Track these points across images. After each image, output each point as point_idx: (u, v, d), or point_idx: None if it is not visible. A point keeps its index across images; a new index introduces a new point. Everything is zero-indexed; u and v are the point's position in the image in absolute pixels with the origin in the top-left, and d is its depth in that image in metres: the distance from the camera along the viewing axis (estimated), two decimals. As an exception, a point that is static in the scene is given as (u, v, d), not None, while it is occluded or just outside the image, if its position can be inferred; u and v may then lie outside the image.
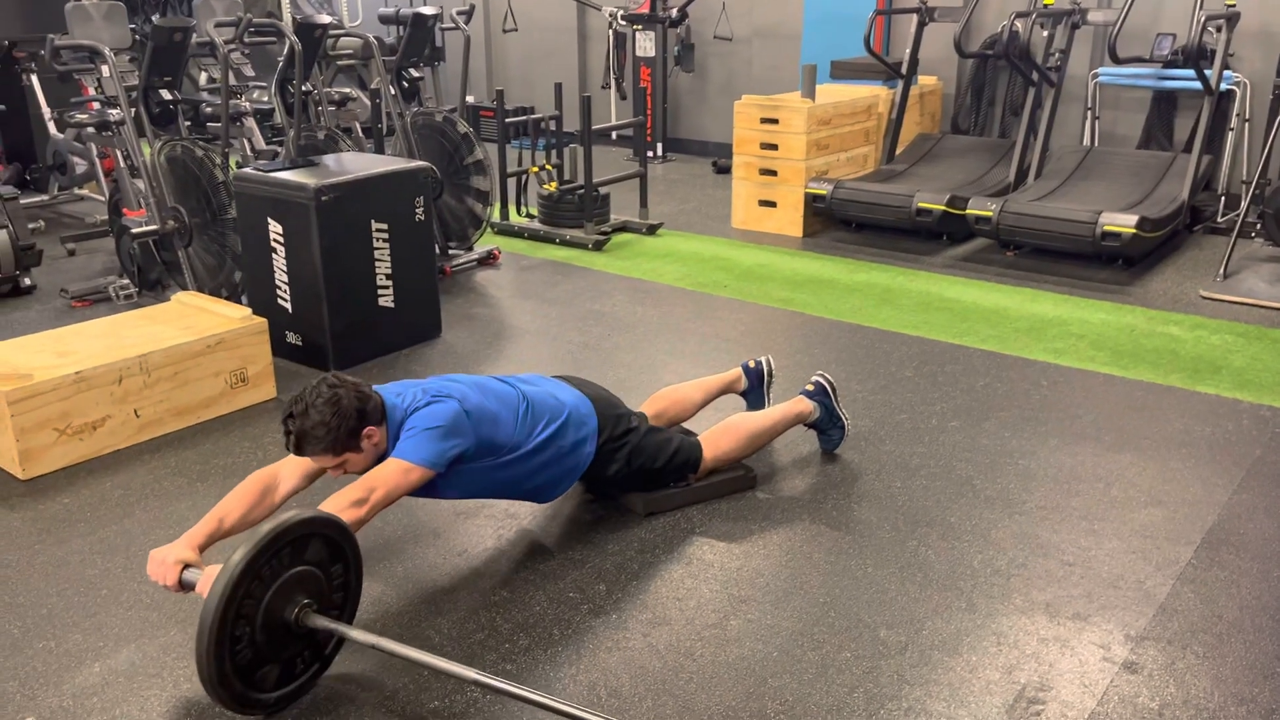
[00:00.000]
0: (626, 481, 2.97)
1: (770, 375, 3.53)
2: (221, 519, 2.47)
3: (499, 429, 2.68)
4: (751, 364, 3.52)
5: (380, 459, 2.58)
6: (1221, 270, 5.12)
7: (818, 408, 3.30)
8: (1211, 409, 3.71)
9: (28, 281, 5.10)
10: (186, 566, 2.32)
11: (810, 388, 3.33)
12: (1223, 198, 6.19)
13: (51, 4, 6.62)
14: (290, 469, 2.62)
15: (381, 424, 2.57)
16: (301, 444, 2.49)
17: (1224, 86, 5.85)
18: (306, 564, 2.22)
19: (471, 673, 2.10)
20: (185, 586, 2.31)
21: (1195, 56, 5.46)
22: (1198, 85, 5.70)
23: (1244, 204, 5.43)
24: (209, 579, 2.17)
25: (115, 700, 2.28)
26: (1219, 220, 6.07)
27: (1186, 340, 4.39)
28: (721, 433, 3.12)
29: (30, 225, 5.30)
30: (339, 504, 2.39)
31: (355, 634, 2.23)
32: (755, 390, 3.51)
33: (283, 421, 2.50)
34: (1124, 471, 3.25)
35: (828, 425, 3.33)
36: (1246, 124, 6.15)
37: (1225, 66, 5.72)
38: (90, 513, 3.07)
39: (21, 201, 5.33)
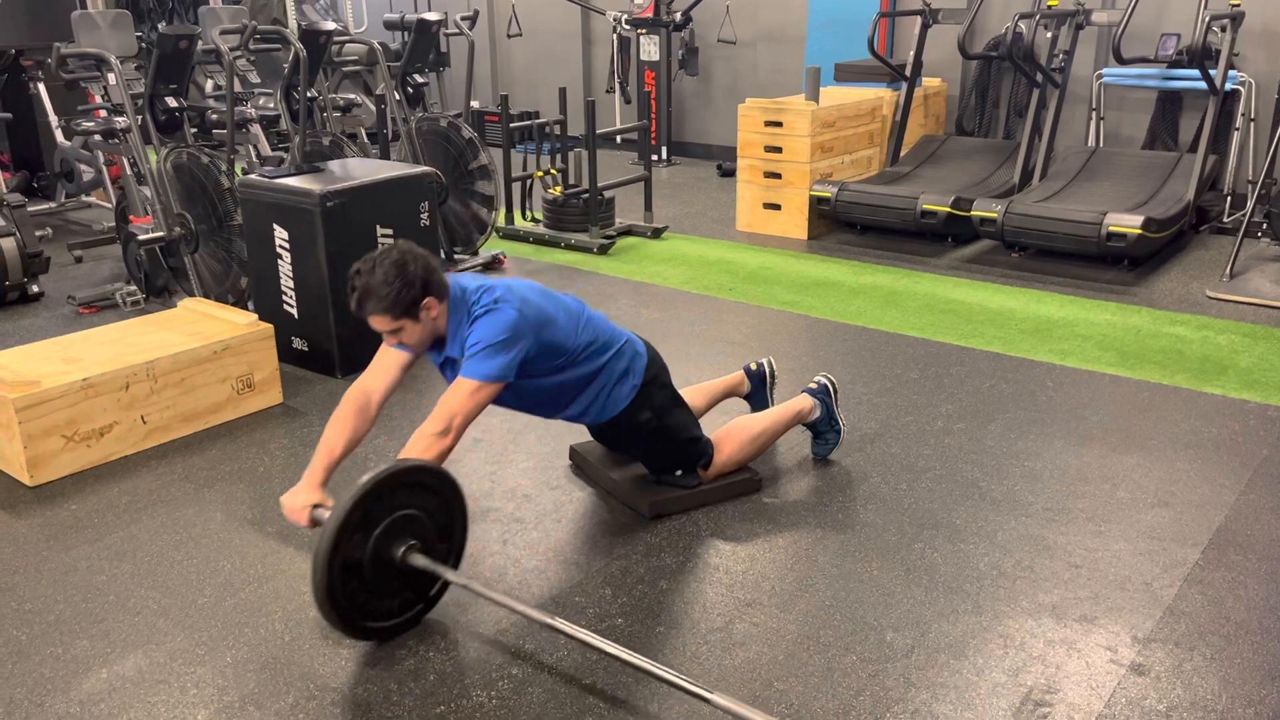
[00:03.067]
0: (648, 440, 2.99)
1: (773, 377, 3.53)
2: (330, 450, 2.64)
3: (557, 331, 2.76)
4: (754, 366, 3.52)
5: (435, 338, 2.70)
6: (1228, 270, 5.11)
7: (818, 405, 3.29)
8: (1218, 409, 3.70)
9: (35, 289, 5.12)
10: (316, 507, 2.52)
11: (814, 385, 3.34)
12: (1228, 197, 6.18)
13: (58, 12, 6.67)
14: (376, 376, 2.74)
15: (443, 301, 2.66)
16: (364, 301, 2.58)
17: (1229, 86, 5.84)
18: (412, 509, 2.40)
19: (558, 622, 2.27)
20: (318, 524, 2.49)
21: (1200, 56, 5.46)
22: (1203, 85, 5.69)
23: (1250, 204, 5.42)
24: None
25: (122, 707, 2.28)
26: (1225, 220, 6.06)
27: (1193, 340, 4.38)
28: (724, 438, 3.11)
29: (38, 233, 5.32)
30: (424, 438, 2.54)
31: (449, 574, 2.43)
32: (758, 392, 3.51)
33: (349, 278, 2.60)
34: (1130, 473, 3.24)
35: (825, 428, 3.32)
36: (1252, 124, 6.13)
37: (1230, 66, 5.71)
38: (97, 519, 3.08)
39: (29, 209, 5.36)
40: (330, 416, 2.69)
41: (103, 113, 5.15)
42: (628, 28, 8.28)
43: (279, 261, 4.13)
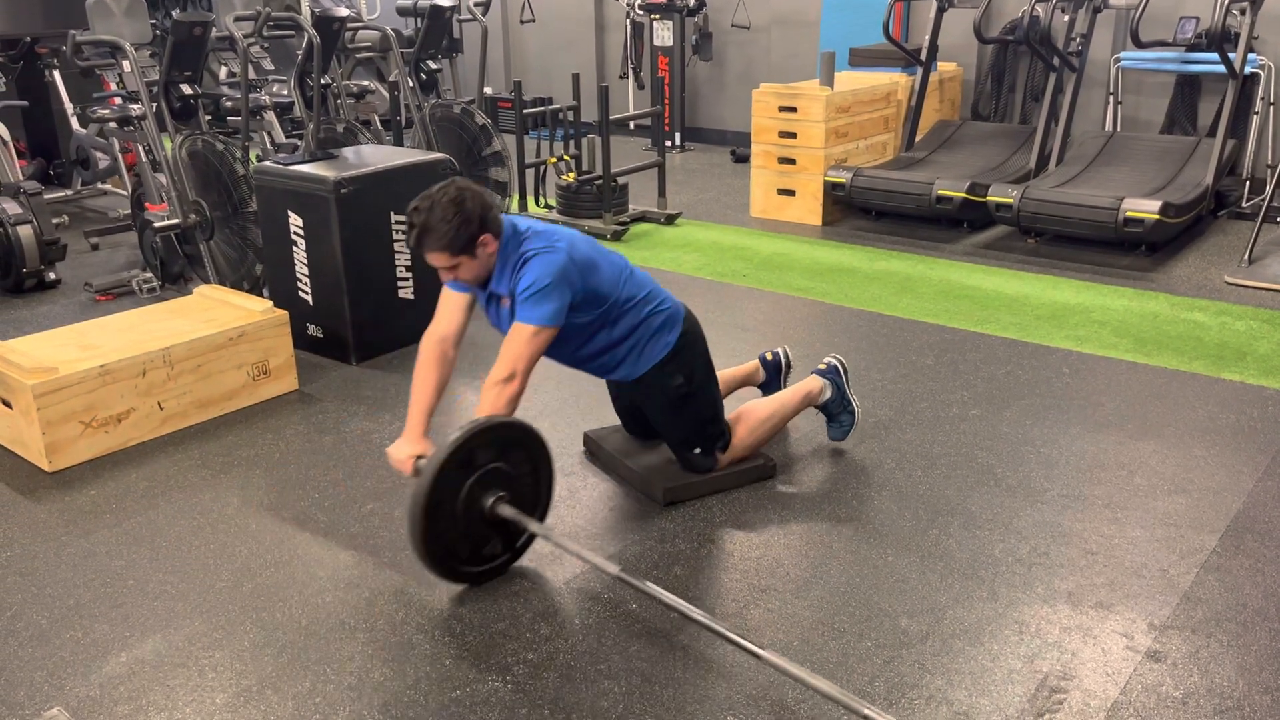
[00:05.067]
0: (674, 407, 2.98)
1: (788, 365, 3.52)
2: (423, 402, 2.76)
3: (601, 278, 2.80)
4: (769, 356, 3.51)
5: (489, 272, 2.74)
6: (1246, 256, 5.07)
7: (829, 386, 3.28)
8: (1236, 396, 3.68)
9: (52, 276, 5.15)
10: (419, 458, 2.64)
11: (822, 366, 3.32)
12: (1247, 182, 6.13)
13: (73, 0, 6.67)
14: (445, 322, 2.83)
15: (499, 238, 2.70)
16: (422, 238, 2.62)
17: (1248, 70, 5.79)
18: (502, 462, 2.55)
19: (632, 578, 2.38)
20: (420, 474, 2.56)
21: (1219, 39, 5.40)
22: (1221, 69, 5.64)
23: (1269, 188, 5.38)
24: None
25: (142, 689, 2.30)
26: (1243, 205, 6.01)
27: (1210, 326, 4.35)
28: (734, 422, 3.11)
29: (54, 220, 5.34)
30: (493, 387, 2.62)
31: (533, 525, 2.57)
32: (773, 382, 3.50)
33: (408, 214, 2.64)
34: (1147, 459, 3.23)
35: (838, 409, 3.30)
36: (1271, 107, 6.08)
37: (1249, 49, 5.66)
38: (116, 504, 3.10)
39: (45, 196, 5.38)
40: (414, 370, 2.80)
41: (118, 100, 5.16)
42: (641, 13, 8.25)
43: (294, 248, 4.14)
